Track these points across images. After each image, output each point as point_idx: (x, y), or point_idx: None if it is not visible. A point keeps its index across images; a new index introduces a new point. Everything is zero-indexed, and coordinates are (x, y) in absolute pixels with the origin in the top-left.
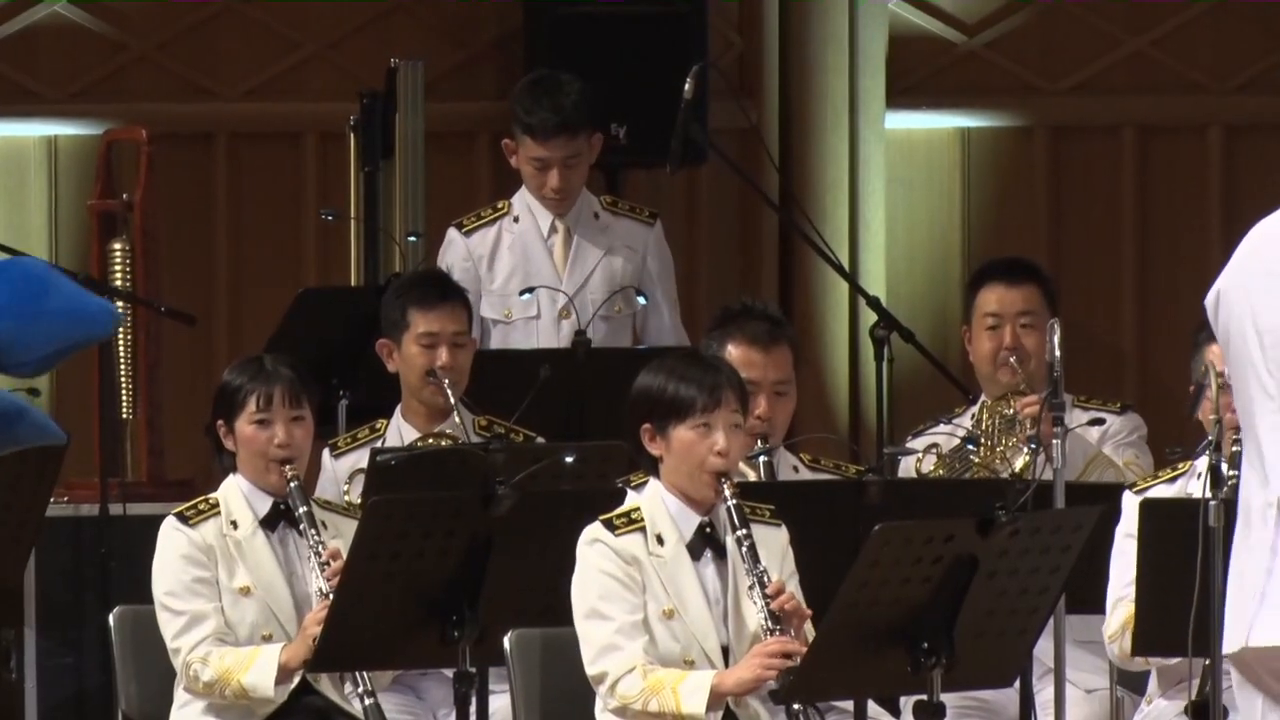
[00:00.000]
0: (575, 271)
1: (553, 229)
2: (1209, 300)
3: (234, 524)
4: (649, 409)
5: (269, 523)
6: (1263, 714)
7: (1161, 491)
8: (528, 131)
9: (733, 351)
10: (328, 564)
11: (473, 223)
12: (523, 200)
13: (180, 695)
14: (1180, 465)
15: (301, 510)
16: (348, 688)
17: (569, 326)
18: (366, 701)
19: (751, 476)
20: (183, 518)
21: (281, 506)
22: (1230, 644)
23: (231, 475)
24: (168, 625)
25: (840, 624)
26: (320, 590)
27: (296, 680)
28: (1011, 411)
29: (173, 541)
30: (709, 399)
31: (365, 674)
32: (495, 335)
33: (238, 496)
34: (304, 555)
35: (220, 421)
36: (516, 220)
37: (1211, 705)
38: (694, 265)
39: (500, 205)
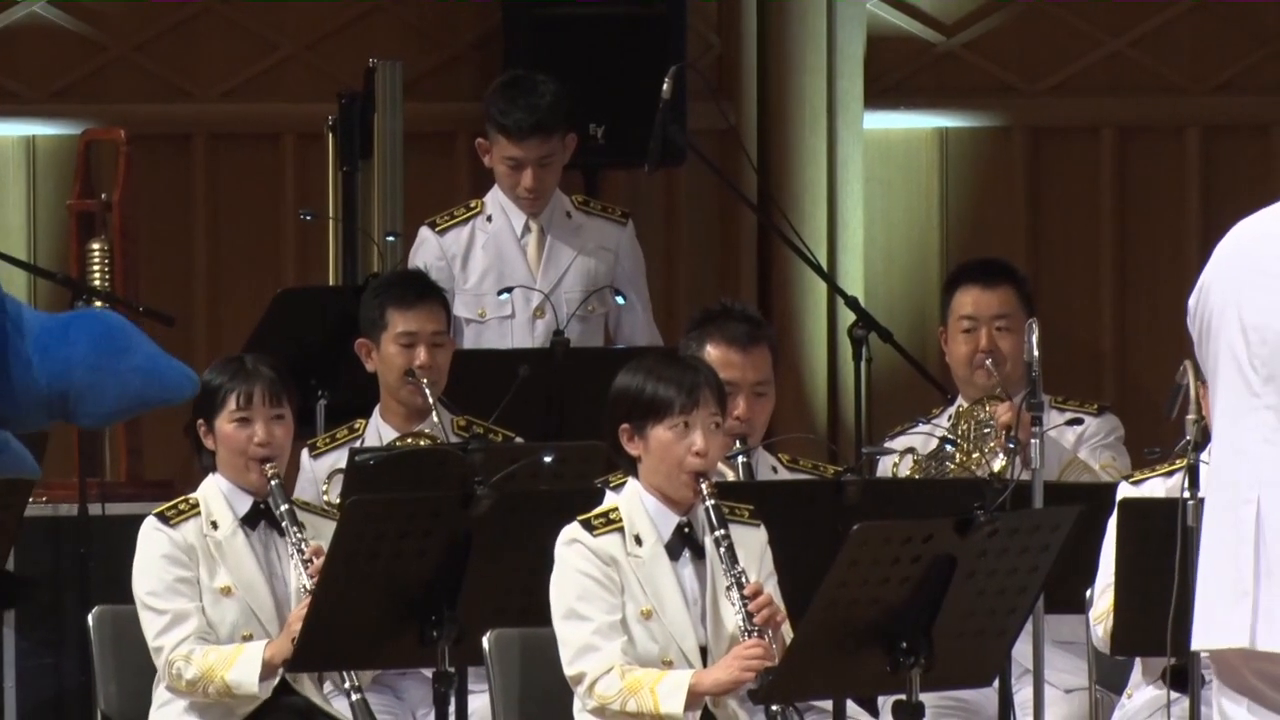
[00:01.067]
0: (549, 271)
1: (526, 228)
2: (1191, 299)
3: (214, 524)
4: (627, 409)
5: (249, 522)
6: (1249, 715)
7: (1156, 485)
8: (502, 131)
9: (711, 352)
10: (310, 561)
11: (446, 222)
12: (495, 200)
13: (160, 695)
14: (1178, 460)
15: (283, 508)
16: (327, 687)
17: (543, 326)
18: (354, 697)
19: (730, 477)
20: (163, 518)
21: (261, 506)
22: (1208, 640)
23: (211, 475)
24: (150, 624)
25: (819, 624)
26: (304, 587)
27: (278, 677)
28: (986, 415)
29: (153, 541)
30: (687, 399)
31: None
32: (468, 334)
33: (217, 496)
34: (284, 555)
35: (200, 420)
36: (490, 220)
37: (1192, 702)
38: (672, 266)
39: (473, 204)
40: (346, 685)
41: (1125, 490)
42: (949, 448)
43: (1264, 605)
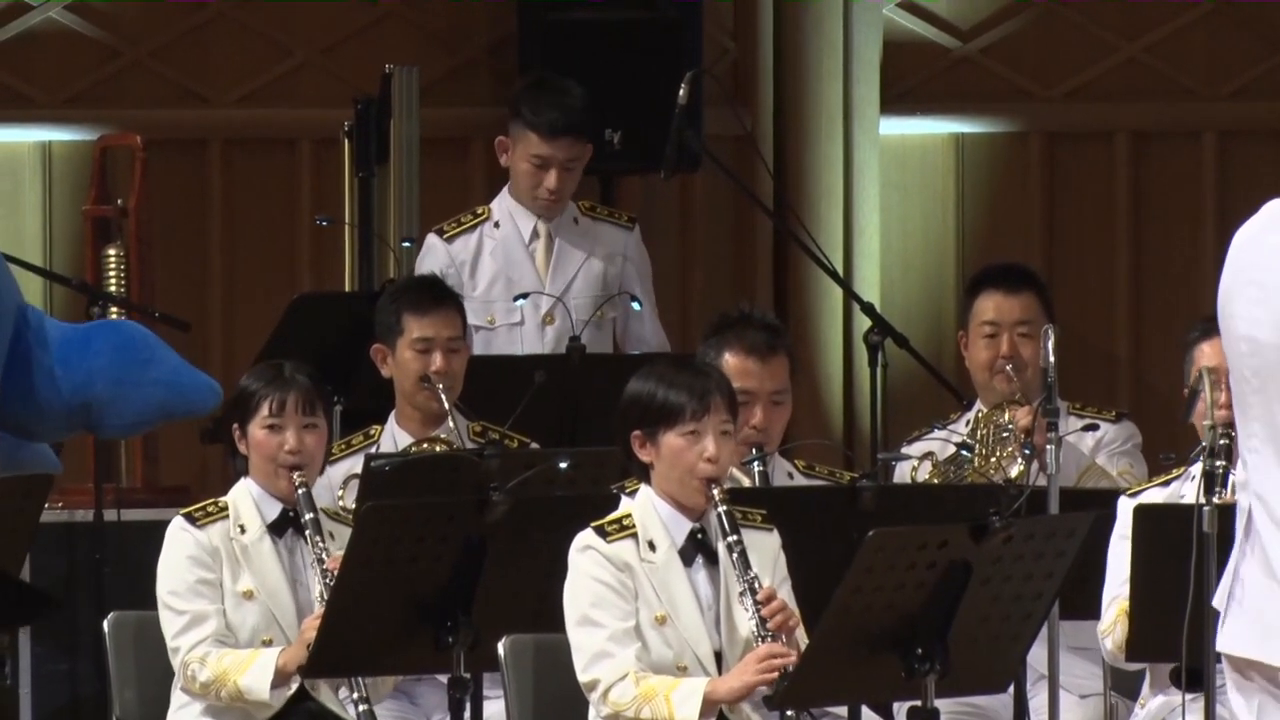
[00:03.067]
0: (557, 276)
1: (534, 234)
2: None
3: (241, 528)
4: (638, 416)
5: (277, 529)
6: (1259, 713)
7: (1154, 496)
8: (534, 129)
9: (730, 360)
10: (330, 572)
11: (454, 229)
12: (503, 205)
13: (178, 697)
14: (1174, 470)
15: (308, 517)
16: (342, 693)
17: (552, 332)
18: (360, 708)
19: (746, 483)
20: (190, 518)
21: (290, 513)
22: (1221, 644)
23: (243, 479)
24: (169, 624)
25: (834, 630)
26: (322, 596)
27: (295, 686)
28: (1006, 419)
29: (179, 541)
30: (698, 405)
31: (361, 680)
32: (478, 341)
33: (247, 501)
34: (309, 563)
35: (235, 424)
36: (497, 226)
37: (1208, 704)
38: (688, 271)
39: (480, 211)
40: (354, 695)
41: (1124, 503)
42: (966, 453)
43: (1256, 615)
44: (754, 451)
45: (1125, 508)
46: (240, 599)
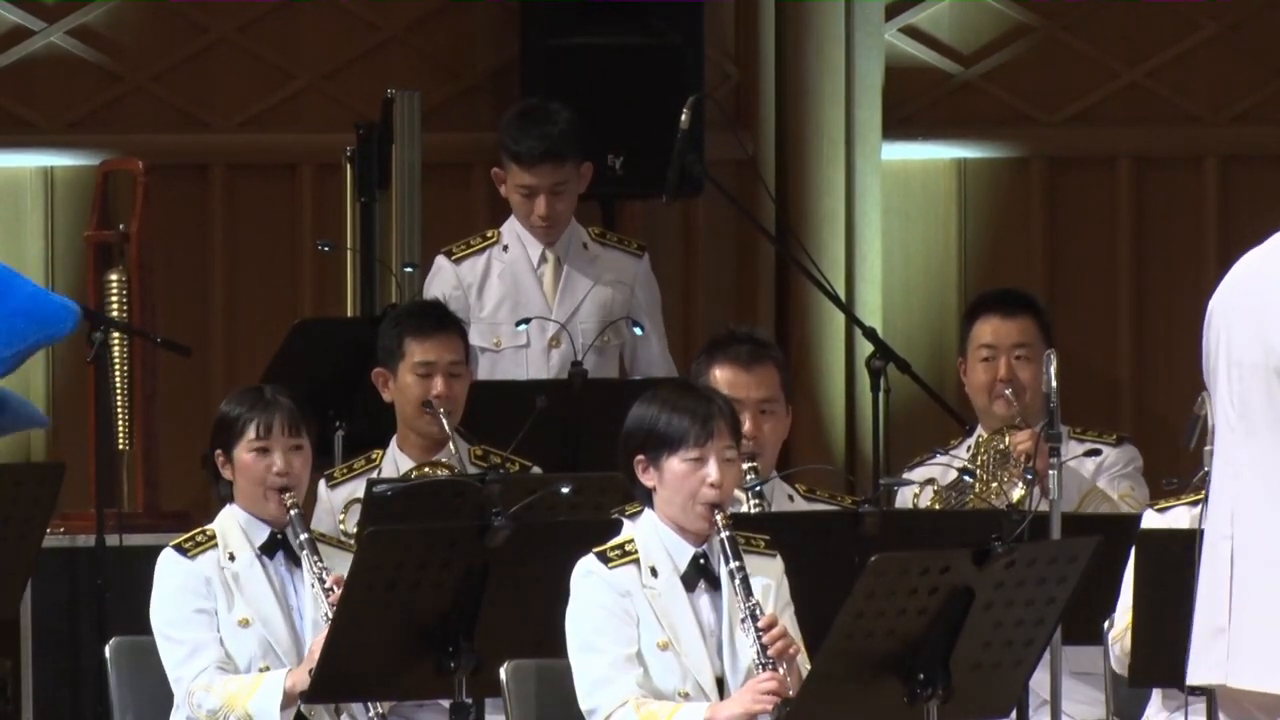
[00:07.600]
0: (565, 301)
1: (542, 259)
2: (1205, 322)
3: (231, 556)
4: (641, 440)
5: (266, 553)
6: None
7: (1183, 513)
8: (515, 159)
9: (717, 374)
10: (332, 590)
11: (462, 250)
12: (512, 229)
13: None
14: (1203, 492)
15: (303, 537)
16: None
17: (558, 356)
18: None
19: (745, 506)
20: (181, 549)
21: (278, 537)
22: (1194, 676)
23: (228, 505)
24: (169, 655)
25: (836, 655)
26: (325, 616)
27: (296, 706)
28: (1005, 446)
29: (171, 573)
30: (701, 430)
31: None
32: (483, 363)
33: (234, 527)
34: (301, 587)
35: (218, 450)
36: (506, 249)
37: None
38: (690, 296)
39: (490, 234)
40: (370, 715)
41: (1150, 518)
42: (967, 479)
43: (1235, 642)
44: (749, 474)
45: (1151, 522)
46: (236, 627)
